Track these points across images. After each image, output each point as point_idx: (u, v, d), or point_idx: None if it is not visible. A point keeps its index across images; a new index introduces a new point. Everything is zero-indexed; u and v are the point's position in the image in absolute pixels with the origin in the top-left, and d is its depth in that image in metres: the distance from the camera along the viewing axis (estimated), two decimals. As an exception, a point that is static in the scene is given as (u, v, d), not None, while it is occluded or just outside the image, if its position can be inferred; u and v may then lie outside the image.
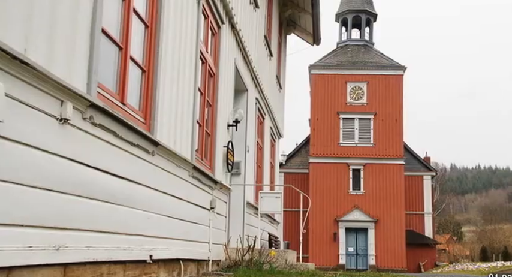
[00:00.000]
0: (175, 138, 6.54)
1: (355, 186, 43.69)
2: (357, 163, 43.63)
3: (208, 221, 8.25)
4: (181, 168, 6.72)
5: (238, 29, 10.28)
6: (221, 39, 9.11)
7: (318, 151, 43.97)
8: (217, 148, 8.99)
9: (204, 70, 8.27)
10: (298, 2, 17.51)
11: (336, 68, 44.71)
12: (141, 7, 5.52)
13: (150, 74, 5.70)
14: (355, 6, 47.46)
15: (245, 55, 11.34)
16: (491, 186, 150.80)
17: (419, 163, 49.14)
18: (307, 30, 19.13)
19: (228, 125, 10.01)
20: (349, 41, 47.55)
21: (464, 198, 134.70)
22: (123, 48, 4.98)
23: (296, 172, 47.21)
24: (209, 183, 8.26)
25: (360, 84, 44.49)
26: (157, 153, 5.74)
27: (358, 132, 44.13)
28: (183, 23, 6.82)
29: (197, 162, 7.56)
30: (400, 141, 44.10)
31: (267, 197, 11.99)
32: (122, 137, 4.74)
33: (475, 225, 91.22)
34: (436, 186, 64.24)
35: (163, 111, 6.04)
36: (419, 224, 47.83)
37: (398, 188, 43.17)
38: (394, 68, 44.76)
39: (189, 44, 7.12)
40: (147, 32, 5.68)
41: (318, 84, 44.68)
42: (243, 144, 11.44)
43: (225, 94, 9.58)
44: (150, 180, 5.58)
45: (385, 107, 43.94)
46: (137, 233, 5.22)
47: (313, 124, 44.53)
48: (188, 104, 7.15)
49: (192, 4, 7.26)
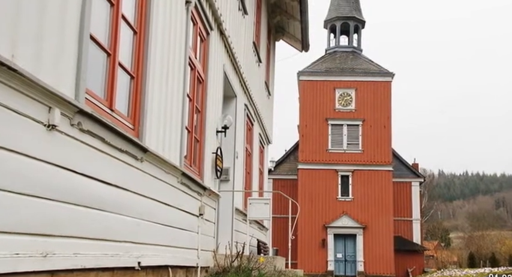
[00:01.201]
0: (164, 145, 6.52)
1: (343, 193, 43.74)
2: (346, 170, 43.70)
3: (197, 227, 8.23)
4: (170, 175, 6.71)
5: (227, 35, 10.28)
6: (210, 46, 9.12)
7: (306, 158, 44.01)
8: (206, 155, 8.97)
9: (193, 76, 8.26)
10: (286, 9, 17.55)
11: (324, 75, 44.84)
12: (129, 13, 5.51)
13: (139, 80, 5.69)
14: (343, 13, 47.63)
15: (234, 61, 11.34)
16: (478, 192, 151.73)
17: (408, 170, 49.30)
18: (295, 37, 19.18)
19: (217, 131, 10.00)
20: (338, 48, 47.71)
21: (452, 204, 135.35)
22: (111, 55, 4.97)
23: (285, 178, 47.23)
24: (198, 189, 8.24)
25: (349, 91, 44.63)
26: (146, 160, 5.72)
27: (346, 138, 44.23)
28: (171, 29, 6.81)
29: (186, 168, 7.55)
30: (388, 148, 44.23)
31: (255, 203, 11.98)
32: (110, 143, 4.72)
33: (462, 232, 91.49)
34: (424, 193, 64.42)
35: (152, 117, 6.02)
36: (407, 230, 47.95)
37: (387, 194, 43.27)
38: (383, 74, 44.94)
39: (177, 50, 7.12)
40: (136, 38, 5.67)
41: (307, 91, 44.77)
42: (231, 150, 11.43)
43: (213, 100, 9.57)
44: (139, 187, 5.56)
45: (374, 114, 44.08)
46: (125, 240, 5.20)
47: (302, 130, 44.59)
48: (177, 110, 7.14)
49: (180, 10, 7.26)
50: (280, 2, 17.21)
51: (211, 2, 8.92)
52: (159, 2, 6.23)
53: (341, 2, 48.03)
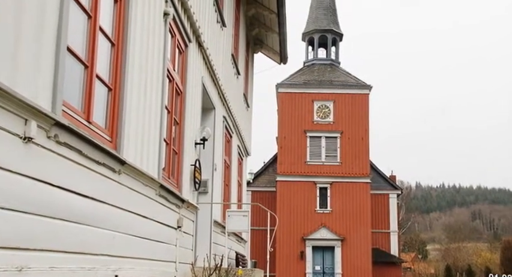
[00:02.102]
0: (142, 157, 6.49)
1: (322, 205, 43.80)
2: (324, 182, 43.78)
3: (175, 240, 8.19)
4: (148, 187, 6.67)
5: (205, 47, 10.29)
6: (188, 58, 9.11)
7: (285, 170, 44.04)
8: (184, 167, 8.95)
9: (171, 88, 8.25)
10: (265, 22, 17.62)
11: (302, 87, 45.00)
12: (107, 25, 5.50)
13: (117, 92, 5.67)
14: (321, 26, 47.91)
15: (212, 73, 11.35)
16: (455, 204, 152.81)
17: (385, 182, 49.51)
18: (274, 49, 19.25)
19: (196, 143, 9.99)
20: (316, 60, 47.94)
21: (429, 216, 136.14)
22: (89, 67, 4.95)
23: (263, 190, 47.18)
24: (176, 201, 8.21)
25: (327, 103, 44.81)
26: (124, 172, 5.69)
27: (325, 150, 44.34)
28: (149, 41, 6.80)
29: (164, 180, 7.52)
30: (366, 160, 44.42)
31: (234, 215, 11.95)
32: (87, 156, 4.69)
33: (439, 243, 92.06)
34: (402, 205, 64.77)
35: (130, 129, 6.00)
36: (385, 242, 48.10)
37: (365, 206, 43.39)
38: (360, 87, 45.22)
39: (156, 62, 7.11)
40: (114, 50, 5.65)
41: (285, 103, 44.88)
42: (210, 162, 11.41)
43: (192, 112, 9.56)
44: (116, 199, 5.52)
45: (352, 126, 44.29)
46: (102, 253, 5.15)
47: (281, 142, 44.64)
48: (155, 122, 7.12)
49: (158, 22, 7.26)
50: (258, 14, 17.28)
51: (189, 14, 8.93)
52: (137, 14, 6.22)
53: (319, 15, 48.33)
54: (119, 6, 5.79)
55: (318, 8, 48.55)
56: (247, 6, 16.67)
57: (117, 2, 5.76)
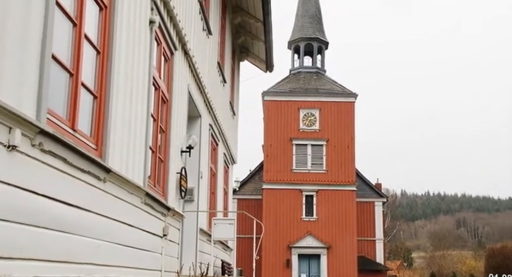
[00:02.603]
0: (127, 165, 6.47)
1: (308, 212, 43.80)
2: (310, 190, 43.82)
3: (161, 248, 8.15)
4: (133, 195, 6.65)
5: (191, 55, 10.29)
6: (174, 66, 9.11)
7: (271, 178, 44.03)
8: (170, 175, 8.92)
9: (157, 96, 8.24)
10: (251, 30, 17.66)
11: (288, 95, 45.08)
12: (92, 33, 5.49)
13: (102, 100, 5.65)
14: (307, 34, 48.06)
15: (198, 81, 11.35)
16: (440, 212, 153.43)
17: (371, 190, 49.61)
18: (260, 57, 19.29)
19: (182, 151, 9.97)
20: (302, 68, 48.07)
21: (414, 224, 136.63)
22: (74, 74, 4.93)
23: (249, 198, 47.11)
24: (162, 209, 8.18)
25: (313, 111, 44.91)
26: (109, 180, 5.67)
27: (311, 158, 44.39)
28: (135, 49, 6.79)
29: (150, 188, 7.49)
30: (352, 168, 44.52)
31: (220, 224, 11.94)
32: (72, 164, 4.67)
33: (424, 251, 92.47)
34: (387, 212, 65.02)
35: (116, 137, 5.98)
36: (370, 250, 48.15)
37: (351, 214, 43.46)
38: (346, 95, 45.37)
39: (141, 70, 7.10)
40: (99, 58, 5.64)
41: (271, 111, 44.92)
42: (196, 170, 11.39)
43: (178, 120, 9.54)
44: (101, 208, 5.49)
45: (337, 134, 44.39)
46: (87, 261, 5.12)
47: (267, 150, 44.65)
48: (141, 130, 7.10)
49: (144, 30, 7.25)
50: (244, 22, 17.31)
51: (175, 22, 8.93)
52: (123, 22, 6.21)
53: (305, 24, 48.50)
54: (104, 14, 5.78)
55: (304, 16, 48.73)
56: (233, 14, 16.71)
57: (103, 10, 5.75)
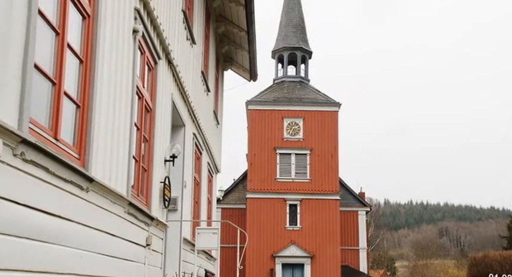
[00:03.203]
0: (110, 174, 6.44)
1: (291, 222, 43.79)
2: (294, 199, 43.83)
3: (144, 258, 8.11)
4: (116, 205, 6.61)
5: (175, 64, 10.29)
6: (158, 75, 9.10)
7: (255, 187, 44.00)
8: (153, 184, 8.89)
9: (141, 105, 8.22)
10: (234, 39, 17.70)
11: (272, 104, 45.15)
12: (75, 42, 5.47)
13: (85, 109, 5.63)
14: (290, 44, 48.23)
15: (182, 90, 11.34)
16: (422, 221, 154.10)
17: (354, 199, 49.72)
18: (244, 67, 19.32)
19: (165, 160, 9.94)
20: (286, 78, 48.19)
21: (397, 233, 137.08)
22: (56, 84, 4.91)
23: (233, 207, 47.06)
24: (145, 219, 8.14)
25: (297, 120, 45.00)
26: (92, 190, 5.63)
27: (294, 167, 44.43)
28: (118, 58, 6.77)
29: (133, 198, 7.46)
30: (335, 177, 44.61)
31: (204, 233, 11.90)
32: (54, 173, 4.64)
33: (407, 260, 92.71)
34: (371, 221, 65.18)
35: (99, 146, 5.95)
36: (354, 259, 48.20)
37: (334, 223, 43.52)
38: (329, 104, 45.52)
39: (125, 79, 7.08)
40: (82, 67, 5.62)
41: (255, 120, 44.96)
42: (180, 179, 11.36)
43: (162, 129, 9.53)
44: (84, 217, 5.46)
45: (321, 143, 44.50)
46: (69, 272, 5.08)
47: (251, 159, 44.63)
48: (124, 140, 7.07)
49: (127, 39, 7.24)
50: (228, 32, 17.35)
51: (159, 31, 8.93)
52: (106, 31, 6.20)
53: (288, 33, 48.67)
54: (87, 23, 5.76)
55: (287, 25, 48.92)
56: (217, 23, 16.74)
57: (86, 19, 5.73)
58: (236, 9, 15.73)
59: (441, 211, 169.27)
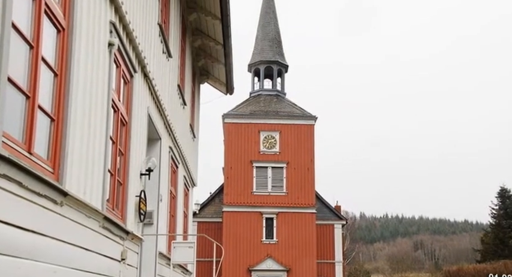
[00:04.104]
0: (85, 188, 6.39)
1: (268, 235, 43.75)
2: (270, 212, 43.82)
3: (119, 273, 8.04)
4: (91, 219, 6.56)
5: (151, 78, 10.27)
6: (134, 88, 9.07)
7: (231, 200, 43.93)
8: (129, 198, 8.84)
9: (116, 119, 8.18)
10: (211, 53, 17.73)
11: (249, 117, 45.22)
12: (50, 55, 5.43)
13: (60, 122, 5.58)
14: (267, 57, 48.45)
15: (158, 104, 11.32)
16: (398, 234, 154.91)
17: (330, 212, 49.81)
18: (220, 80, 19.35)
19: (141, 173, 9.90)
20: (262, 91, 48.35)
21: (373, 246, 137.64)
22: (30, 97, 4.86)
23: (210, 221, 46.91)
24: (120, 233, 8.08)
25: (273, 133, 45.11)
26: (66, 204, 5.58)
27: (271, 180, 44.47)
28: (94, 72, 6.75)
29: (108, 212, 7.41)
30: (311, 190, 44.72)
31: (179, 247, 11.85)
32: (27, 188, 4.59)
33: (383, 274, 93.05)
34: (347, 235, 65.35)
35: (73, 160, 5.91)
36: (330, 273, 48.22)
37: (310, 237, 43.57)
38: (306, 117, 45.73)
39: (100, 92, 7.05)
40: (57, 81, 5.58)
41: (232, 133, 44.98)
42: (156, 193, 11.31)
43: (137, 143, 9.49)
44: (58, 232, 5.40)
45: (297, 156, 44.62)
46: (42, 288, 5.01)
47: (227, 173, 44.60)
48: (99, 153, 7.03)
49: (103, 52, 7.21)
50: (204, 45, 17.38)
51: (134, 44, 8.91)
52: (81, 45, 6.17)
53: (264, 47, 48.89)
54: (62, 36, 5.73)
55: (264, 39, 49.16)
56: (193, 37, 16.76)
57: (60, 32, 5.70)
58: (212, 22, 15.78)
59: (416, 224, 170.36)
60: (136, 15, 8.99)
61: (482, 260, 60.44)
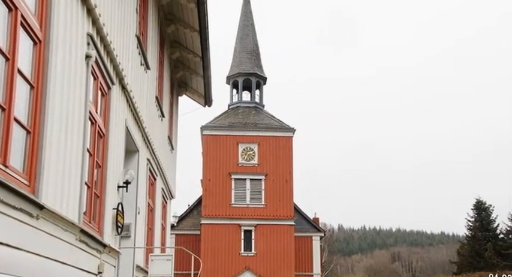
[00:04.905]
0: (62, 201, 6.34)
1: (246, 247, 43.64)
2: (249, 224, 43.74)
3: (95, 287, 7.97)
4: (67, 232, 6.50)
5: (129, 90, 10.24)
6: (111, 100, 9.04)
7: (209, 213, 43.79)
8: (106, 211, 8.78)
9: (94, 131, 8.14)
10: (189, 65, 17.73)
11: (227, 129, 45.22)
12: (26, 67, 5.40)
13: (36, 135, 5.54)
14: (245, 70, 48.54)
15: (136, 116, 11.28)
16: (375, 246, 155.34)
17: (309, 224, 49.83)
18: (198, 92, 19.34)
19: (118, 186, 9.85)
20: (241, 103, 48.39)
21: (351, 258, 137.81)
22: (6, 109, 4.83)
23: (188, 233, 46.68)
24: (97, 246, 8.02)
25: (251, 146, 45.12)
26: (42, 217, 5.53)
27: (249, 192, 44.43)
28: (71, 84, 6.71)
29: (85, 225, 7.35)
30: (290, 202, 44.74)
31: (157, 260, 11.78)
32: (3, 200, 4.55)
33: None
34: (325, 247, 65.37)
35: (50, 173, 5.86)
36: (309, 285, 48.21)
37: (289, 249, 43.53)
38: (284, 130, 45.83)
39: (77, 104, 7.01)
40: (33, 93, 5.54)
41: (210, 145, 44.91)
42: (133, 205, 11.25)
43: (115, 155, 9.44)
44: (34, 245, 5.35)
45: (276, 168, 44.66)
46: (17, 302, 4.95)
47: (205, 185, 44.47)
48: (76, 166, 6.98)
49: (80, 65, 7.18)
50: (183, 57, 17.38)
51: (112, 56, 8.89)
52: (58, 57, 6.14)
53: (243, 59, 49.01)
54: (39, 48, 5.70)
55: (242, 51, 49.28)
56: (172, 49, 16.75)
57: (37, 44, 5.67)
58: (191, 35, 15.79)
59: (393, 236, 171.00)
60: (114, 27, 8.97)
61: (458, 272, 60.81)
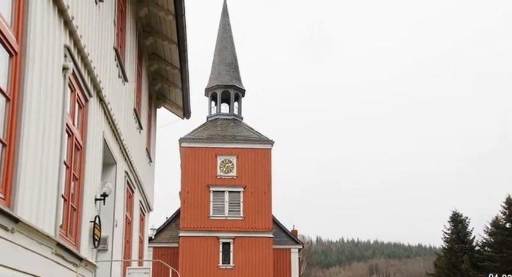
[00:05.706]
0: (38, 214, 6.28)
1: (224, 260, 43.47)
2: (227, 237, 43.61)
3: (71, 301, 7.89)
4: (43, 245, 6.44)
5: (106, 102, 10.20)
6: (89, 112, 8.99)
7: (188, 225, 43.59)
8: (83, 224, 8.72)
9: (71, 143, 8.09)
10: (167, 77, 17.71)
11: (206, 141, 45.15)
12: (1, 80, 5.35)
13: (11, 148, 5.49)
14: (223, 82, 48.57)
15: (114, 128, 11.23)
16: (353, 258, 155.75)
17: (287, 236, 49.77)
18: (177, 104, 19.32)
19: (96, 199, 9.79)
20: (219, 115, 48.37)
21: (329, 271, 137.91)
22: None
23: (166, 246, 46.40)
24: (74, 260, 7.95)
25: (230, 158, 45.08)
26: (18, 230, 5.47)
27: (228, 205, 44.33)
28: (47, 96, 6.67)
29: (61, 238, 7.29)
30: (268, 214, 44.70)
31: (135, 273, 11.72)
32: (-23, 214, 4.49)
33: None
34: (303, 259, 65.34)
35: (25, 186, 5.80)
36: (287, 297, 48.09)
37: (267, 261, 43.44)
38: (263, 142, 45.87)
39: (54, 117, 6.97)
40: (9, 105, 5.49)
41: (188, 157, 44.79)
42: (111, 218, 11.18)
43: (92, 167, 9.38)
44: (9, 260, 5.29)
45: (254, 180, 44.64)
46: (-8, 317, 4.89)
47: (184, 197, 44.29)
48: (52, 179, 6.93)
49: (57, 77, 7.14)
50: (161, 69, 17.36)
51: (89, 68, 8.85)
52: (34, 69, 6.10)
53: (221, 71, 49.05)
54: (15, 60, 5.66)
55: (220, 64, 49.33)
56: (150, 61, 16.74)
57: (13, 56, 5.63)
58: (169, 47, 15.79)
59: (371, 248, 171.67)
60: (91, 39, 8.94)
61: (435, 284, 61.14)
